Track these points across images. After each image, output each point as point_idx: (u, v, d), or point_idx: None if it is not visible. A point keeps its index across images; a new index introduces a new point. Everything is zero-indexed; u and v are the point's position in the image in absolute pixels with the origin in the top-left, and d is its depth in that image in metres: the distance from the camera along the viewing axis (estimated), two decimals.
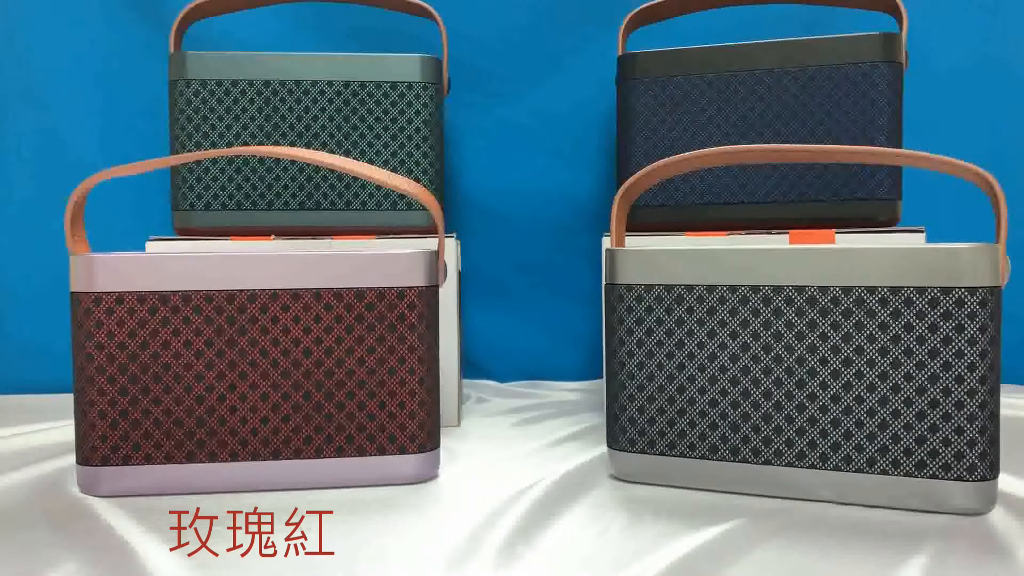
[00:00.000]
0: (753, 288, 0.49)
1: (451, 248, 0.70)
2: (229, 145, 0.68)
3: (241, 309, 0.50)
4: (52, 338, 0.86)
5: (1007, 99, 0.84)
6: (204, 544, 0.43)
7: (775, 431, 0.49)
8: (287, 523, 0.45)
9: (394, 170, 0.69)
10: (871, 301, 0.46)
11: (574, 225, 0.90)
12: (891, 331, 0.46)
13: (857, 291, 0.47)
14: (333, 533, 0.44)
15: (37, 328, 0.88)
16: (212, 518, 0.46)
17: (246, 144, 0.68)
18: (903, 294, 0.46)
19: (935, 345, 0.45)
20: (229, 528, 0.45)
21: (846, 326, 0.47)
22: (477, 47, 0.87)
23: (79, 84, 0.86)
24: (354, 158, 0.69)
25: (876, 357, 0.46)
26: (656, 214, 0.69)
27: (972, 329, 0.45)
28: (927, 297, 0.45)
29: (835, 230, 0.64)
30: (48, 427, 0.69)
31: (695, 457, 0.51)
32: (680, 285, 0.50)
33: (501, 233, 0.91)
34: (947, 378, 0.45)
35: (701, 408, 0.50)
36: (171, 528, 0.45)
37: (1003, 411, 0.68)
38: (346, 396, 0.51)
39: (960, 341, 0.45)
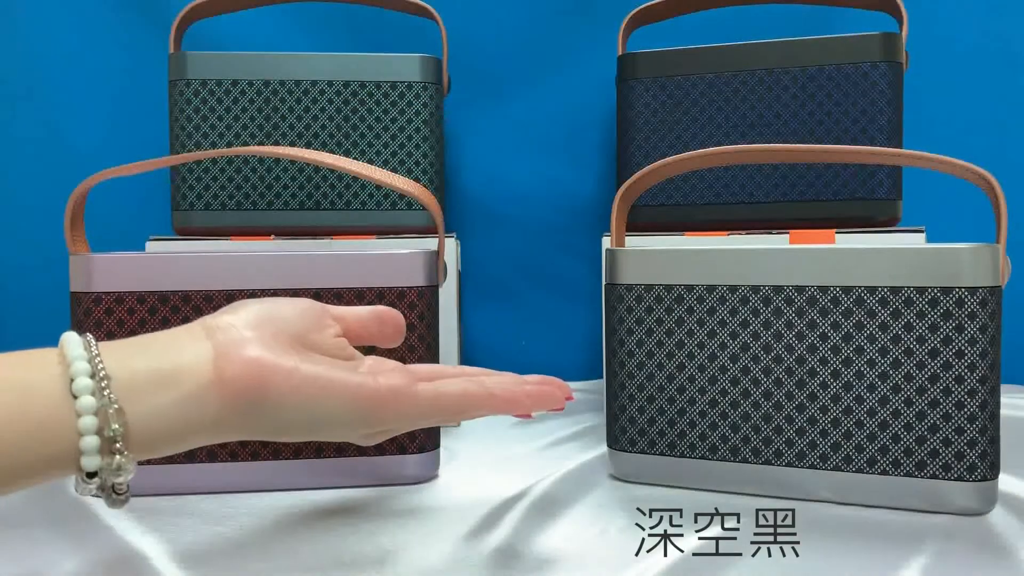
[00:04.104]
0: (753, 288, 0.49)
1: (451, 248, 0.70)
2: (229, 145, 0.68)
3: None
4: (52, 338, 0.85)
5: (1007, 99, 0.84)
6: (204, 544, 0.43)
7: (775, 431, 0.49)
8: (287, 523, 0.46)
9: (394, 170, 0.69)
10: (871, 301, 0.46)
11: (574, 225, 0.90)
12: (891, 331, 0.46)
13: (857, 291, 0.47)
14: (333, 533, 0.44)
15: (37, 328, 0.88)
16: (212, 518, 0.46)
17: (246, 144, 0.68)
18: (903, 294, 0.46)
19: (935, 345, 0.45)
20: (229, 528, 0.45)
21: (846, 326, 0.47)
22: (477, 47, 0.87)
23: (79, 84, 0.86)
24: (354, 158, 0.69)
25: (876, 357, 0.46)
26: (656, 214, 0.69)
27: (972, 329, 0.45)
28: (927, 297, 0.45)
29: (835, 230, 0.64)
30: None
31: (695, 457, 0.51)
32: (680, 285, 0.50)
33: (501, 233, 0.91)
34: (947, 378, 0.45)
35: (701, 408, 0.50)
36: (171, 528, 0.45)
37: (1003, 411, 0.68)
38: None
39: (960, 341, 0.45)
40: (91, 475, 0.30)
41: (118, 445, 0.30)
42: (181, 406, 0.32)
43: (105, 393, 0.30)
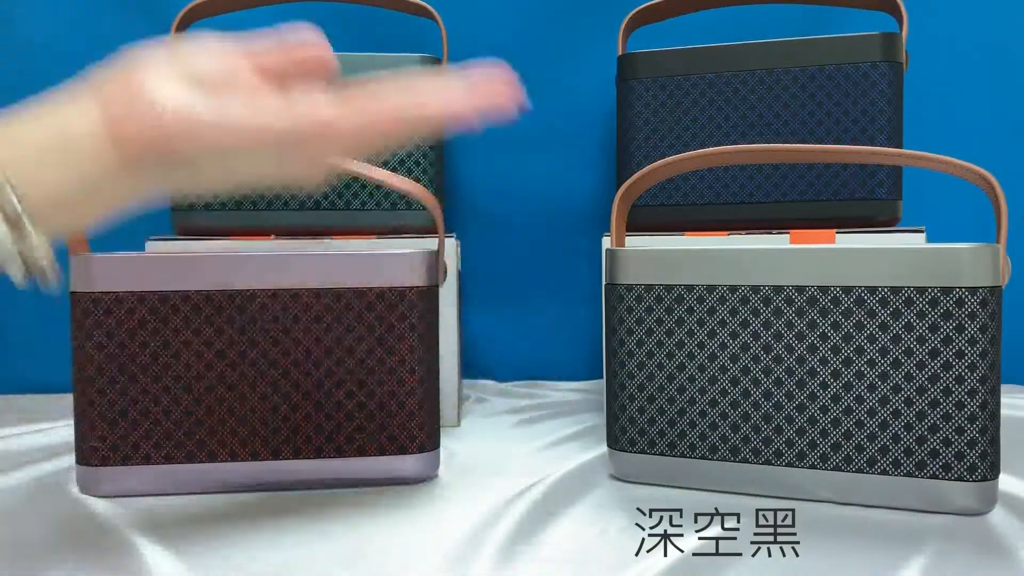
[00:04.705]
0: (753, 288, 0.49)
1: (451, 248, 0.70)
2: None
3: (241, 309, 0.50)
4: (52, 338, 0.85)
5: (1007, 99, 0.84)
6: (204, 544, 0.43)
7: (775, 431, 0.49)
8: (287, 523, 0.45)
9: (394, 170, 0.69)
10: (871, 301, 0.46)
11: (574, 225, 0.90)
12: (891, 331, 0.46)
13: (857, 291, 0.47)
14: (333, 532, 0.44)
15: (37, 328, 0.88)
16: (212, 518, 0.46)
17: None
18: (903, 294, 0.46)
19: (935, 345, 0.45)
20: (229, 528, 0.45)
21: (846, 326, 0.47)
22: (477, 47, 0.87)
23: None
24: None
25: (876, 357, 0.46)
26: (656, 214, 0.69)
27: (972, 329, 0.45)
28: (927, 297, 0.45)
29: (835, 230, 0.64)
30: (48, 427, 0.68)
31: (695, 457, 0.51)
32: (680, 285, 0.50)
33: (501, 233, 0.91)
34: (947, 378, 0.45)
35: (701, 408, 0.50)
36: (171, 528, 0.45)
37: (1003, 411, 0.68)
38: (346, 396, 0.51)
39: (960, 341, 0.45)
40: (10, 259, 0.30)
41: (24, 220, 0.29)
42: (77, 170, 0.31)
43: None
